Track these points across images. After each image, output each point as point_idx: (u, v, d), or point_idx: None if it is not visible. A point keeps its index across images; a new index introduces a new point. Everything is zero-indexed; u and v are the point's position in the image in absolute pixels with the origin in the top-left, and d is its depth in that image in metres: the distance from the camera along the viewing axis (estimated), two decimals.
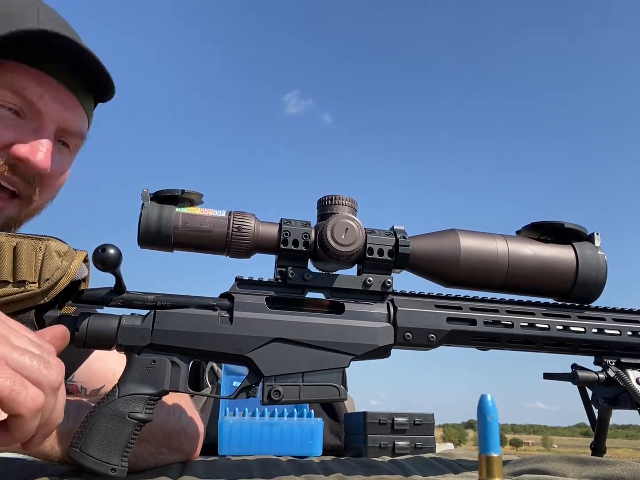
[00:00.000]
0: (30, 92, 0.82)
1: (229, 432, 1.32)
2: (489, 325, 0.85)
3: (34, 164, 0.84)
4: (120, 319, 0.74)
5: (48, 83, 0.84)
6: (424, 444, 1.42)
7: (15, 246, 0.68)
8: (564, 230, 0.89)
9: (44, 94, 0.84)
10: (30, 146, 0.83)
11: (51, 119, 0.86)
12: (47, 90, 0.84)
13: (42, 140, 0.85)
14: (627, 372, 0.88)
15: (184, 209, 0.78)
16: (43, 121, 0.85)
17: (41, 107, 0.84)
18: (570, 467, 0.82)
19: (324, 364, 0.77)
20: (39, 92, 0.83)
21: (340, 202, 0.82)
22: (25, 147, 0.83)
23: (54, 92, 0.85)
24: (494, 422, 0.48)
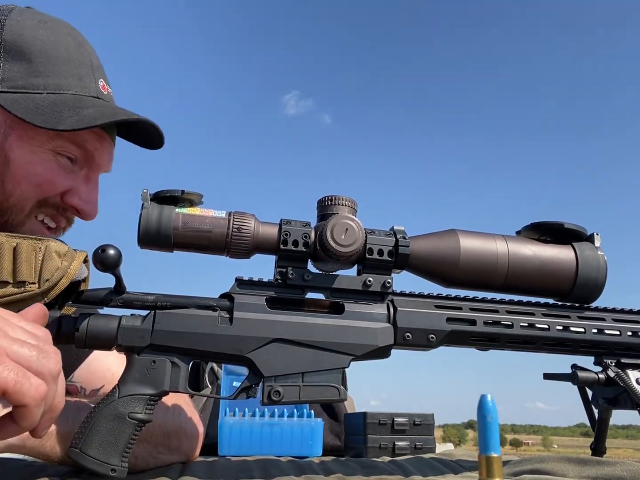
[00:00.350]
0: (90, 145, 0.89)
1: (229, 433, 1.32)
2: (488, 326, 0.85)
3: (86, 214, 0.92)
4: (120, 320, 0.74)
5: (103, 137, 0.91)
6: (424, 444, 1.42)
7: (15, 247, 0.68)
8: (564, 231, 0.89)
9: (99, 146, 0.91)
10: (84, 197, 0.90)
11: (100, 168, 0.94)
12: (101, 143, 0.91)
13: (93, 190, 0.93)
14: (627, 373, 0.88)
15: (183, 210, 0.78)
16: (93, 170, 0.93)
17: (96, 159, 0.91)
18: (570, 468, 0.82)
19: (324, 365, 0.77)
20: (96, 145, 0.90)
21: (340, 203, 0.82)
22: (80, 197, 0.90)
23: (107, 144, 0.93)
24: (494, 422, 0.48)
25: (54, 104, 0.83)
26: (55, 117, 0.81)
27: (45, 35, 0.87)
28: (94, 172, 0.93)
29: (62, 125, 0.81)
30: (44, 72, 0.85)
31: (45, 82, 0.85)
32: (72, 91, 0.87)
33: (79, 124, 0.81)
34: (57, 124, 0.81)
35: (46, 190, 0.87)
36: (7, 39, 0.85)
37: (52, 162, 0.86)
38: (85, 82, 0.89)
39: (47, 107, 0.82)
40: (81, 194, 0.90)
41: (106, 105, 0.89)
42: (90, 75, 0.90)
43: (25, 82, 0.84)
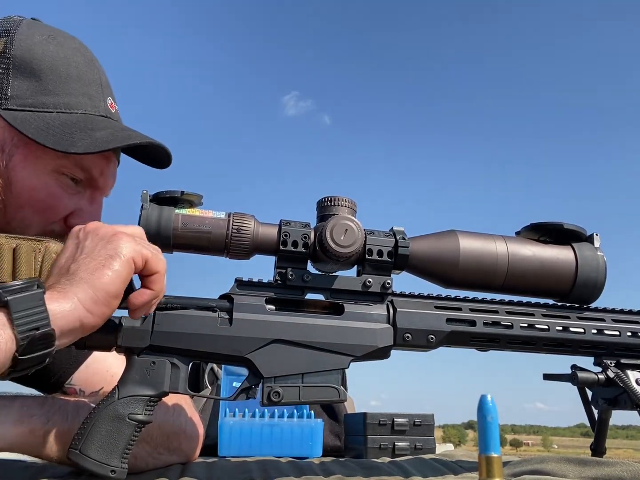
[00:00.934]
0: (95, 170, 0.88)
1: (229, 433, 1.32)
2: (488, 326, 0.85)
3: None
4: (120, 320, 0.74)
5: (110, 159, 0.90)
6: (424, 445, 1.42)
7: (15, 247, 0.68)
8: (564, 231, 0.90)
9: (104, 170, 0.90)
10: (88, 220, 0.87)
11: (104, 191, 0.93)
12: (107, 166, 0.90)
13: (98, 212, 0.92)
14: (627, 373, 0.88)
15: (183, 210, 0.78)
16: (97, 192, 0.91)
17: (101, 183, 0.90)
18: (570, 468, 0.82)
19: (324, 365, 0.77)
20: (101, 169, 0.89)
21: (339, 203, 0.82)
22: (83, 220, 0.87)
23: (112, 166, 0.92)
24: (494, 422, 0.48)
25: (65, 124, 0.81)
26: (66, 138, 0.80)
27: (55, 52, 0.85)
28: (99, 195, 0.92)
29: (74, 148, 0.79)
30: (54, 90, 0.83)
31: (55, 101, 0.83)
32: (82, 110, 0.85)
33: (91, 148, 0.80)
34: (69, 147, 0.79)
35: (50, 216, 0.85)
36: (17, 55, 0.83)
37: (55, 185, 0.84)
38: (95, 101, 0.88)
39: (58, 128, 0.80)
40: (85, 216, 0.88)
41: (116, 127, 0.88)
42: (99, 94, 0.89)
43: (35, 101, 0.82)
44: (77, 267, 0.62)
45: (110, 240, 0.64)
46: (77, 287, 0.60)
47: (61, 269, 0.64)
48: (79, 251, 0.64)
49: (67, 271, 0.62)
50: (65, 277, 0.62)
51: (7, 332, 0.54)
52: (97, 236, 0.65)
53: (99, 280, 0.61)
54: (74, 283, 0.61)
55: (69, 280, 0.61)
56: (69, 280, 0.61)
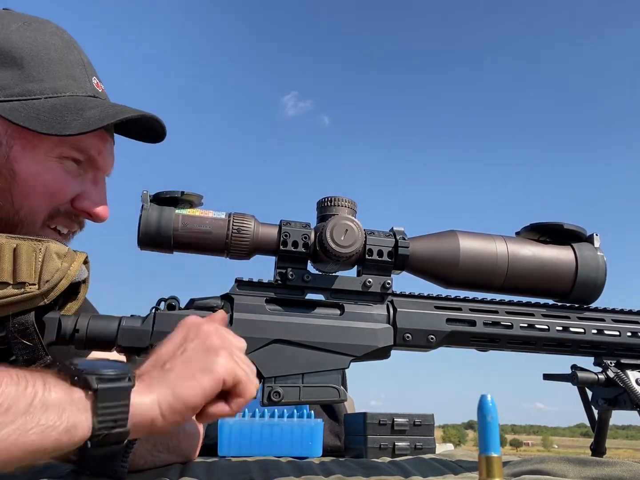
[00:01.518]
0: (93, 150, 0.87)
1: (229, 433, 1.32)
2: (488, 326, 0.85)
3: (98, 217, 0.90)
4: (120, 321, 0.74)
5: (106, 138, 0.90)
6: (424, 445, 1.42)
7: (16, 248, 0.68)
8: (563, 231, 0.90)
9: (102, 149, 0.89)
10: (94, 199, 0.89)
11: (105, 170, 0.92)
12: (104, 146, 0.90)
13: (103, 192, 0.91)
14: (627, 373, 0.89)
15: (183, 211, 0.78)
16: (99, 173, 0.91)
17: (100, 163, 0.90)
18: (570, 468, 0.82)
19: (324, 365, 0.77)
20: (99, 148, 0.89)
21: (339, 204, 0.82)
22: (90, 201, 0.88)
23: (109, 146, 0.91)
24: (494, 422, 0.48)
25: (54, 108, 0.81)
26: (58, 122, 0.79)
27: (33, 38, 0.84)
28: (100, 175, 0.92)
29: (68, 130, 0.79)
30: (38, 76, 0.83)
31: (41, 87, 0.82)
32: (69, 93, 0.85)
33: (85, 127, 0.80)
34: (63, 129, 0.79)
35: (57, 199, 0.85)
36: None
37: (58, 169, 0.84)
38: (80, 82, 0.87)
39: (48, 113, 0.80)
40: (91, 197, 0.88)
41: (106, 104, 0.87)
42: (83, 74, 0.88)
43: (21, 89, 0.81)
44: (171, 366, 0.63)
45: (209, 352, 0.65)
46: (162, 388, 0.61)
47: (158, 359, 0.65)
48: (180, 350, 0.65)
49: (162, 366, 0.63)
50: (158, 371, 0.63)
51: (87, 419, 0.54)
52: (202, 344, 0.66)
53: (183, 390, 0.61)
54: (162, 382, 0.61)
55: (159, 376, 0.62)
56: (159, 376, 0.62)
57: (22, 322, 0.68)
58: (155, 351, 0.67)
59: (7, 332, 0.68)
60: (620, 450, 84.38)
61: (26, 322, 0.68)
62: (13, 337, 0.68)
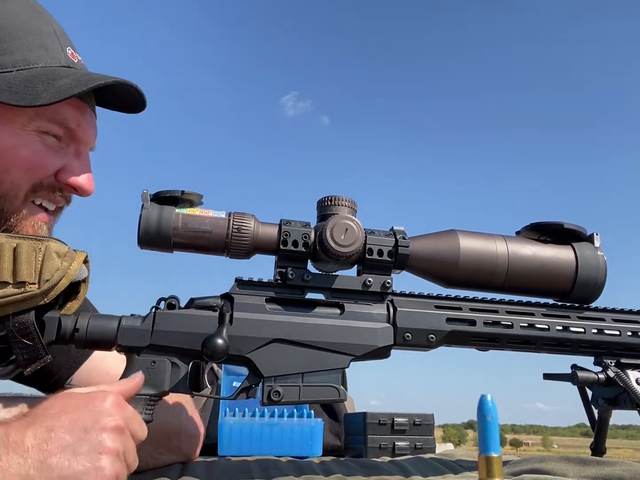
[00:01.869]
0: (71, 121, 0.85)
1: (229, 433, 1.32)
2: (488, 326, 0.85)
3: (83, 191, 0.88)
4: (120, 320, 0.74)
5: (83, 109, 0.88)
6: (424, 445, 1.42)
7: (16, 247, 0.68)
8: (564, 231, 0.90)
9: (81, 120, 0.87)
10: (78, 173, 0.87)
11: (86, 142, 0.90)
12: (82, 117, 0.87)
13: (87, 165, 0.89)
14: (627, 373, 0.88)
15: (183, 210, 0.78)
16: (81, 145, 0.89)
17: (80, 134, 0.88)
18: (570, 467, 0.82)
19: (324, 365, 0.77)
20: (77, 120, 0.86)
21: (339, 203, 0.82)
22: (74, 174, 0.86)
23: (88, 117, 0.89)
24: (494, 422, 0.48)
25: (26, 80, 0.79)
26: (30, 92, 0.77)
27: (2, 9, 0.82)
28: (82, 147, 0.89)
29: (39, 100, 0.77)
30: (8, 48, 0.80)
31: (12, 60, 0.80)
32: (41, 64, 0.82)
33: (56, 96, 0.77)
34: (34, 100, 0.76)
35: (38, 173, 0.83)
36: None
37: (38, 142, 0.82)
38: (52, 52, 0.84)
39: (20, 85, 0.78)
40: (75, 170, 0.86)
41: (79, 73, 0.84)
42: (56, 44, 0.85)
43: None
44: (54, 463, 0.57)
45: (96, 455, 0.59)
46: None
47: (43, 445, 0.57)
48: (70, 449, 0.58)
49: (45, 459, 0.57)
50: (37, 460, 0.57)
51: None
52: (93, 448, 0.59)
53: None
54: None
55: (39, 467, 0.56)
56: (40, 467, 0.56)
57: (22, 321, 0.68)
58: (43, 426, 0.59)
59: (7, 331, 0.68)
60: (620, 450, 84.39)
61: (26, 321, 0.68)
62: (13, 337, 0.68)
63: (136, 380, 0.71)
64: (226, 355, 0.73)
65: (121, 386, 0.69)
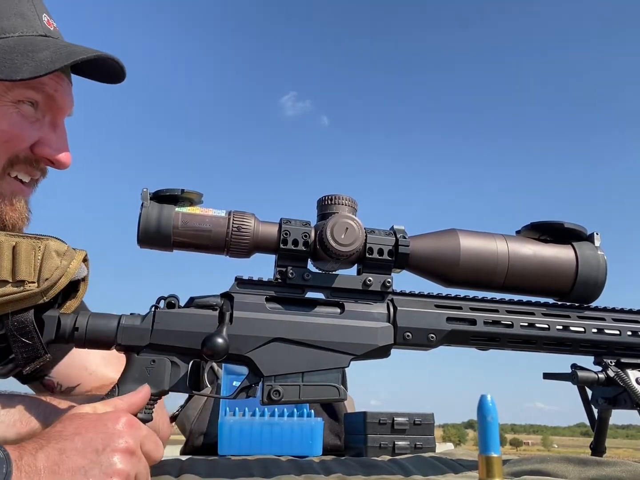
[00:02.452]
0: (48, 87, 0.83)
1: (229, 432, 1.32)
2: (488, 325, 0.85)
3: (60, 163, 0.86)
4: (120, 319, 0.74)
5: (60, 76, 0.85)
6: (424, 444, 1.42)
7: (15, 245, 0.68)
8: (564, 230, 0.89)
9: (58, 87, 0.85)
10: (54, 146, 0.85)
11: (64, 109, 0.88)
12: (60, 83, 0.85)
13: (63, 137, 0.87)
14: (627, 372, 0.88)
15: (183, 209, 0.78)
16: (58, 114, 0.87)
17: (59, 101, 0.85)
18: (571, 468, 0.82)
19: (324, 364, 0.77)
20: (55, 87, 0.84)
21: (340, 202, 0.82)
22: (50, 146, 0.85)
23: (65, 84, 0.87)
24: (494, 422, 0.48)
25: (3, 50, 0.77)
26: (8, 65, 0.75)
27: None
28: (59, 117, 0.87)
29: (19, 75, 0.75)
30: None
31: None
32: (17, 33, 0.80)
33: (37, 71, 0.76)
34: (13, 74, 0.75)
35: (15, 146, 0.81)
36: None
37: (14, 114, 0.81)
38: (29, 21, 0.82)
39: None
40: (51, 143, 0.85)
41: (59, 45, 0.82)
42: (32, 12, 0.83)
43: None
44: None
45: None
46: None
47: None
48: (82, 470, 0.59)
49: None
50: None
51: None
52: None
53: None
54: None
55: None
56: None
57: (21, 320, 0.68)
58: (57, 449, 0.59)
59: (6, 330, 0.68)
60: (620, 450, 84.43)
61: (25, 320, 0.68)
62: (12, 335, 0.68)
63: (143, 392, 0.72)
64: (226, 355, 0.73)
65: (131, 399, 0.70)
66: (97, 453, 0.59)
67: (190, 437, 1.53)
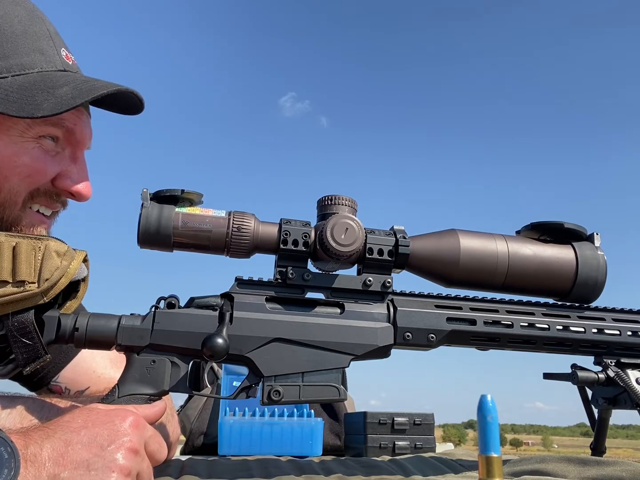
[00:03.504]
0: (68, 122, 0.84)
1: (229, 432, 1.32)
2: (488, 325, 0.85)
3: (81, 196, 0.87)
4: (120, 319, 0.74)
5: (80, 110, 0.86)
6: (424, 444, 1.42)
7: (15, 246, 0.68)
8: (564, 231, 0.89)
9: (78, 121, 0.86)
10: (75, 179, 0.86)
11: (83, 143, 0.89)
12: (79, 117, 0.86)
13: (84, 169, 0.88)
14: (627, 372, 0.88)
15: (183, 209, 0.78)
16: (77, 148, 0.88)
17: (78, 135, 0.87)
18: (571, 468, 0.82)
19: (324, 364, 0.77)
20: (75, 121, 0.85)
21: (340, 202, 0.82)
22: (71, 179, 0.85)
23: (84, 117, 0.88)
24: (494, 422, 0.48)
25: (24, 87, 0.77)
26: (29, 102, 0.76)
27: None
28: (79, 150, 0.88)
29: (40, 112, 0.75)
30: (3, 53, 0.78)
31: (7, 65, 0.78)
32: (37, 69, 0.80)
33: (58, 108, 0.76)
34: (35, 111, 0.75)
35: (36, 180, 0.82)
36: None
37: (36, 149, 0.81)
38: (48, 56, 0.82)
39: (18, 93, 0.76)
40: (72, 176, 0.86)
41: (78, 80, 0.82)
42: (51, 47, 0.83)
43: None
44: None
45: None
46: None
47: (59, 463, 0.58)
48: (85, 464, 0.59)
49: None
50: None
51: None
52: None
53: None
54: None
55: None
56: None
57: (22, 320, 0.68)
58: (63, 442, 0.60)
59: (6, 330, 0.68)
60: (620, 450, 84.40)
61: (25, 320, 0.68)
62: (12, 336, 0.68)
63: (159, 407, 0.73)
64: (226, 355, 0.73)
65: (145, 409, 0.70)
66: (101, 448, 0.60)
67: (190, 437, 1.53)
